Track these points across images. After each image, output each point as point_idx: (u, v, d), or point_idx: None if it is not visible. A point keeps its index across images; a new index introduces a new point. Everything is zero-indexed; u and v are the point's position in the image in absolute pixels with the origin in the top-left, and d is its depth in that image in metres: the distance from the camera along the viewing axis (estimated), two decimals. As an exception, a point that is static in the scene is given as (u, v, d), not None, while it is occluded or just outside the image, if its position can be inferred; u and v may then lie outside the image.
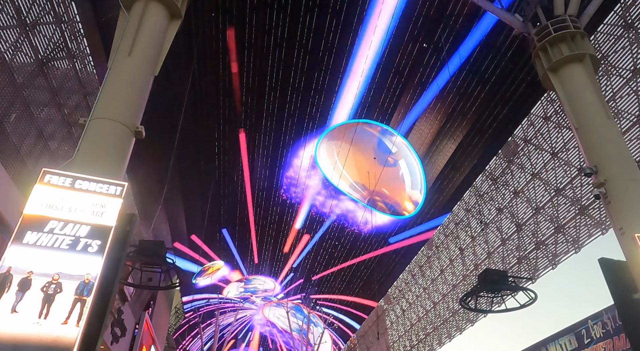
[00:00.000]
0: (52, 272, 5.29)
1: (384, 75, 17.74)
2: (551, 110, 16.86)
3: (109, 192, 6.10)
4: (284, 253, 32.29)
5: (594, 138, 8.56)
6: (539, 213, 18.18)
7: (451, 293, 25.24)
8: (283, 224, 28.79)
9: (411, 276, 30.05)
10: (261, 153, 23.56)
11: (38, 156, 14.17)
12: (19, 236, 5.38)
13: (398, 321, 32.84)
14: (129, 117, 7.22)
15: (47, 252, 5.40)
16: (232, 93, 19.50)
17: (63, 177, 5.97)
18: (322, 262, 33.75)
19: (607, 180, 7.80)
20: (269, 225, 29.35)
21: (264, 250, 33.05)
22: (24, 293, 5.07)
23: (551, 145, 17.09)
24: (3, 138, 12.42)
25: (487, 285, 11.28)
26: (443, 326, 26.50)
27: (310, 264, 33.13)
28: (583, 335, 13.05)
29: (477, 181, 21.55)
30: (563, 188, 16.80)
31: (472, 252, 23.01)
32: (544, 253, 18.12)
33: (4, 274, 5.10)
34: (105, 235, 5.77)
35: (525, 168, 18.59)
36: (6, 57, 11.48)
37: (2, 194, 10.36)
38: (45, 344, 4.85)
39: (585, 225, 16.02)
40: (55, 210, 5.70)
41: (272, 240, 31.28)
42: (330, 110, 20.15)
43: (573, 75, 9.33)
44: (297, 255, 32.22)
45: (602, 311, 12.52)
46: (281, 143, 22.71)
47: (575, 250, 16.44)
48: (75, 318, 5.13)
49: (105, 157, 6.72)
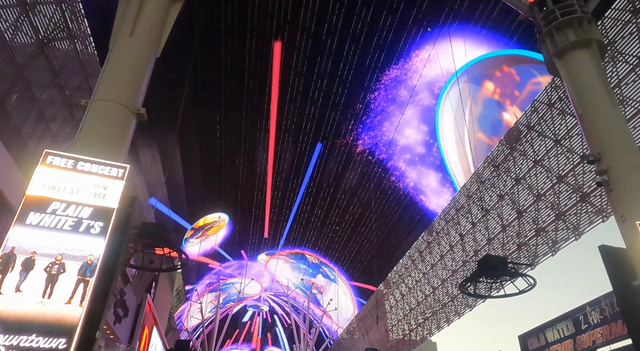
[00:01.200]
0: (55, 253, 5.33)
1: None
2: (555, 96, 16.72)
3: (111, 174, 6.11)
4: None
5: (598, 125, 8.50)
6: (540, 200, 18.18)
7: (450, 278, 25.43)
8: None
9: (411, 261, 30.24)
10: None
11: (40, 137, 14.17)
12: (22, 217, 5.40)
13: (397, 306, 33.18)
14: (131, 98, 7.18)
15: (50, 233, 5.43)
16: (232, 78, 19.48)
17: (65, 159, 5.96)
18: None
19: (609, 167, 7.77)
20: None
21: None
22: (27, 273, 5.12)
23: (554, 132, 16.99)
24: (5, 120, 12.40)
25: (487, 270, 11.34)
26: (442, 310, 26.77)
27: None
28: (581, 320, 13.17)
29: (479, 168, 21.52)
30: (565, 176, 16.76)
31: (472, 238, 23.10)
32: (544, 240, 18.17)
33: (7, 254, 5.14)
34: (108, 217, 5.80)
35: (528, 155, 18.52)
36: (6, 36, 11.38)
37: (5, 175, 10.39)
38: (49, 323, 4.91)
39: (586, 212, 16.03)
40: (57, 192, 5.72)
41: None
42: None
43: (579, 61, 9.21)
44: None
45: (600, 297, 12.62)
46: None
47: (575, 237, 16.48)
48: (78, 298, 5.19)
49: (107, 139, 6.70)
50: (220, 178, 29.27)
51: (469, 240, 23.68)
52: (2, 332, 4.68)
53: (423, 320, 29.53)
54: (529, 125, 18.09)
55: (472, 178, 22.41)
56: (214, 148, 26.31)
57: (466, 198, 23.13)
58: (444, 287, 26.45)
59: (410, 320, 31.42)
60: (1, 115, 12.34)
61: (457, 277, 24.86)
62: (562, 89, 16.39)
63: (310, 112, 24.22)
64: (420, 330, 30.18)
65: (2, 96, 12.22)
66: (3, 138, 11.92)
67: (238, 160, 27.35)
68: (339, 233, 34.26)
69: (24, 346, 4.69)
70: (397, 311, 33.35)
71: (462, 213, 23.86)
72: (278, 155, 26.64)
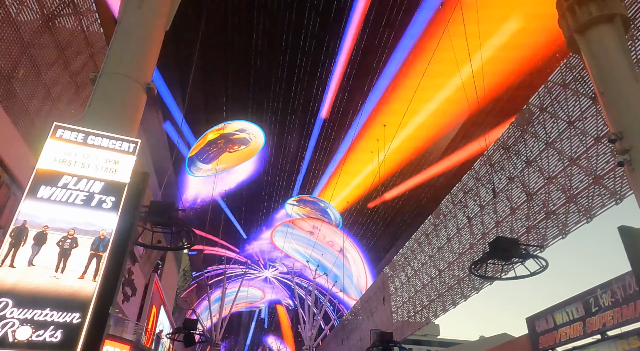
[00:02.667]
0: (67, 227, 5.24)
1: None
2: (570, 77, 16.33)
3: (122, 148, 5.97)
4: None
5: (620, 103, 8.22)
6: (551, 183, 17.94)
7: (457, 261, 25.40)
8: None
9: (417, 244, 30.23)
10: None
11: (46, 115, 14.06)
12: (33, 190, 5.30)
13: (402, 288, 33.33)
14: (140, 72, 7.00)
15: (61, 207, 5.33)
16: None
17: (75, 132, 5.83)
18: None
19: (632, 146, 7.54)
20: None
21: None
22: (40, 247, 5.04)
23: (568, 114, 16.65)
24: (12, 97, 12.28)
25: (499, 252, 11.23)
26: (448, 293, 26.82)
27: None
28: (591, 303, 13.08)
29: (489, 150, 21.25)
30: (578, 158, 16.48)
31: (480, 221, 22.96)
32: (554, 223, 17.99)
33: (19, 228, 5.05)
34: (120, 191, 5.68)
35: (539, 137, 18.22)
36: (11, 11, 11.17)
37: (13, 151, 10.30)
38: (62, 297, 4.85)
39: (599, 195, 15.79)
40: (68, 166, 5.60)
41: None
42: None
43: (601, 36, 8.89)
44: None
45: (611, 280, 12.50)
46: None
47: (587, 220, 16.27)
48: (92, 272, 5.11)
49: (117, 113, 6.55)
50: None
51: (476, 223, 23.55)
52: (16, 306, 4.62)
53: (428, 302, 29.64)
54: (542, 106, 17.75)
55: (481, 160, 22.16)
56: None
57: (475, 181, 22.92)
58: (450, 270, 26.45)
59: (416, 302, 31.56)
60: (8, 93, 12.22)
61: (464, 260, 24.82)
62: (577, 69, 15.99)
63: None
64: (425, 312, 30.31)
65: (9, 72, 12.09)
66: (11, 116, 11.82)
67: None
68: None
69: (38, 320, 4.63)
70: (402, 293, 33.50)
71: (470, 196, 23.69)
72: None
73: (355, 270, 40.89)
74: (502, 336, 26.01)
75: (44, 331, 4.60)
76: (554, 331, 14.80)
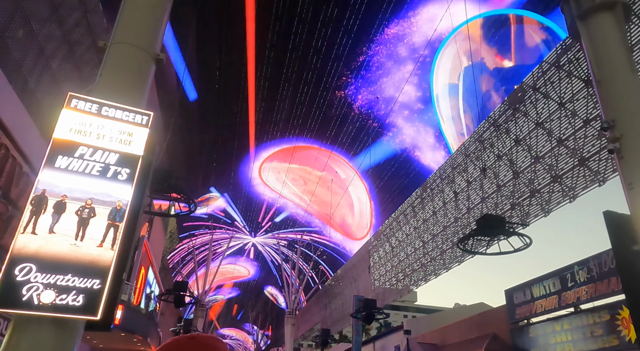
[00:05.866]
0: (85, 197, 5.40)
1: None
2: (564, 58, 16.54)
3: (135, 120, 6.06)
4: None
5: (614, 92, 8.50)
6: (538, 162, 18.45)
7: (442, 233, 26.19)
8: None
9: (403, 215, 30.95)
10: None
11: (39, 75, 13.83)
12: (51, 159, 5.40)
13: (386, 257, 34.31)
14: (150, 42, 6.97)
15: (78, 178, 5.46)
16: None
17: (90, 103, 5.88)
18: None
19: (623, 135, 7.88)
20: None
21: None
22: (59, 216, 5.20)
23: (560, 95, 16.97)
24: (5, 54, 12.03)
25: (486, 229, 11.72)
26: (430, 263, 27.78)
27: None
28: (567, 278, 13.83)
29: (480, 127, 21.60)
30: (566, 139, 16.94)
31: (466, 196, 23.58)
32: (538, 201, 18.64)
33: (39, 196, 5.20)
34: (134, 164, 5.82)
35: (530, 117, 18.58)
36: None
37: (18, 123, 10.22)
38: (83, 264, 5.07)
39: (583, 177, 16.37)
40: (83, 136, 5.69)
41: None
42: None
43: (601, 24, 9.06)
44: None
45: (589, 258, 13.19)
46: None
47: (570, 200, 16.92)
48: (109, 241, 5.32)
49: (128, 84, 6.57)
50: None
51: (462, 198, 24.19)
52: (39, 271, 4.83)
53: (411, 272, 30.69)
54: (535, 86, 18.01)
55: (471, 137, 22.53)
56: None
57: (464, 157, 23.38)
58: (434, 241, 27.29)
59: (398, 271, 32.63)
60: (1, 49, 11.96)
61: (448, 233, 25.61)
62: (573, 51, 16.20)
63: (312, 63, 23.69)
64: (407, 280, 31.42)
65: (2, 28, 11.80)
66: (16, 90, 11.63)
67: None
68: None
69: (61, 284, 4.86)
70: (386, 262, 34.54)
71: (458, 171, 24.20)
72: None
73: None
74: (479, 306, 27.26)
75: (66, 295, 4.84)
76: (530, 303, 15.66)
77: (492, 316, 19.35)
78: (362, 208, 39.98)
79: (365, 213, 40.02)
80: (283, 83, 26.65)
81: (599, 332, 12.25)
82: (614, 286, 11.93)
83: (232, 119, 29.89)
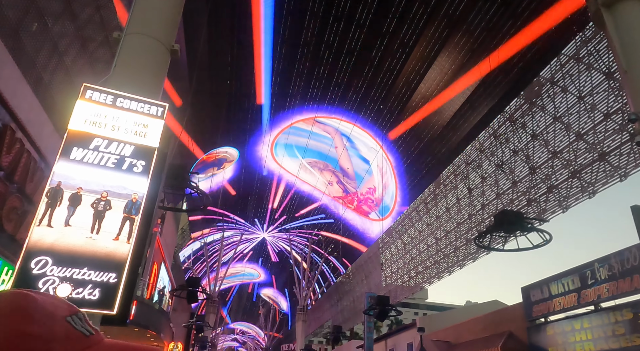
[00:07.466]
0: (101, 190, 5.30)
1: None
2: (584, 51, 16.12)
3: (150, 112, 5.94)
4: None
5: (642, 83, 8.20)
6: (555, 158, 18.06)
7: (455, 230, 25.86)
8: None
9: (415, 212, 30.66)
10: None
11: (53, 70, 13.86)
12: (66, 151, 5.31)
13: (398, 254, 34.05)
14: (165, 33, 6.85)
15: (94, 170, 5.37)
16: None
17: (105, 94, 5.77)
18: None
19: (651, 127, 7.59)
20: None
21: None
22: (75, 208, 5.11)
23: (579, 89, 16.56)
24: (20, 49, 12.04)
25: (504, 225, 11.46)
26: (444, 260, 27.48)
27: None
28: (587, 276, 13.50)
29: (495, 122, 21.22)
30: (585, 134, 16.54)
31: (481, 192, 23.23)
32: (555, 197, 18.26)
33: (54, 188, 5.11)
34: (150, 156, 5.71)
35: (547, 111, 18.18)
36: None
37: (33, 118, 10.19)
38: (99, 257, 4.97)
39: (603, 171, 15.96)
40: (99, 128, 5.59)
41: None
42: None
43: (628, 11, 8.74)
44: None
45: (610, 255, 12.85)
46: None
47: (589, 196, 16.52)
48: (125, 235, 5.22)
49: (143, 75, 6.46)
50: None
51: (476, 194, 23.84)
52: (55, 264, 4.74)
53: (423, 269, 30.41)
54: (553, 79, 17.60)
55: (485, 132, 22.16)
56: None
57: (478, 153, 23.02)
58: (447, 238, 26.98)
59: (410, 268, 32.37)
60: (16, 45, 11.96)
61: (462, 229, 25.27)
62: (592, 43, 15.78)
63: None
64: (419, 277, 31.15)
65: (17, 24, 11.80)
66: (21, 69, 11.62)
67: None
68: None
69: (77, 278, 4.77)
70: (398, 260, 34.28)
71: (472, 166, 23.84)
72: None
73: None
74: (493, 303, 26.89)
75: (82, 289, 4.74)
76: (548, 300, 15.34)
77: (508, 314, 19.04)
78: (386, 183, 39.43)
79: (389, 188, 39.44)
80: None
81: (621, 331, 11.93)
82: (637, 284, 11.58)
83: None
